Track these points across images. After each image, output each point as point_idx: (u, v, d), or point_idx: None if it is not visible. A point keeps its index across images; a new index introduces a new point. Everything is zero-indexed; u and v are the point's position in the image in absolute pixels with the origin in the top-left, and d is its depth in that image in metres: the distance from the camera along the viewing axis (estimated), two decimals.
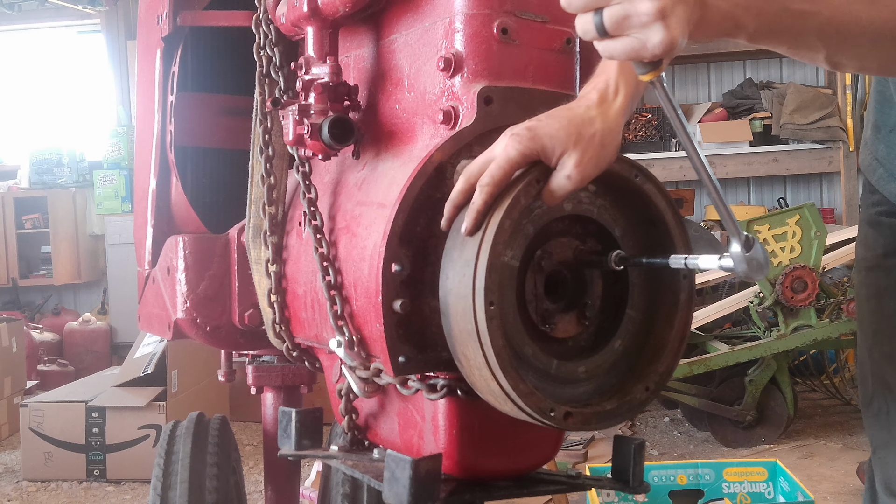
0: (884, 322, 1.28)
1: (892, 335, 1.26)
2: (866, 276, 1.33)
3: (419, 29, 1.14)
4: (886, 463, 1.24)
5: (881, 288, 1.29)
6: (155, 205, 1.67)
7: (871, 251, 1.32)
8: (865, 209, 1.36)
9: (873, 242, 1.32)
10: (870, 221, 1.34)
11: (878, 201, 1.32)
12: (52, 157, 6.51)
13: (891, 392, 1.24)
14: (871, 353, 1.30)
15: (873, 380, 1.29)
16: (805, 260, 3.60)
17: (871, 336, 1.30)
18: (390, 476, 0.99)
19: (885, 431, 1.25)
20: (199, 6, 1.63)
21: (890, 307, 1.27)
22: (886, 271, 1.29)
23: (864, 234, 1.36)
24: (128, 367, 3.95)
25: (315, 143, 1.17)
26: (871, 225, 1.33)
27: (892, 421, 1.24)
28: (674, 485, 2.72)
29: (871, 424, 1.29)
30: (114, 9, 6.76)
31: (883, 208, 1.31)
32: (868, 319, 1.31)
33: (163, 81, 1.65)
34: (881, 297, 1.29)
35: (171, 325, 1.55)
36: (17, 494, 3.60)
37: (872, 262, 1.32)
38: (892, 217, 1.29)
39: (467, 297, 0.92)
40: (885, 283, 1.28)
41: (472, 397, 1.02)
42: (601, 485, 1.18)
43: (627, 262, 0.99)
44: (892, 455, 1.23)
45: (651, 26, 0.77)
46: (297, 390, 1.76)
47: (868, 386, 1.30)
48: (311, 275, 1.22)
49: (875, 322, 1.30)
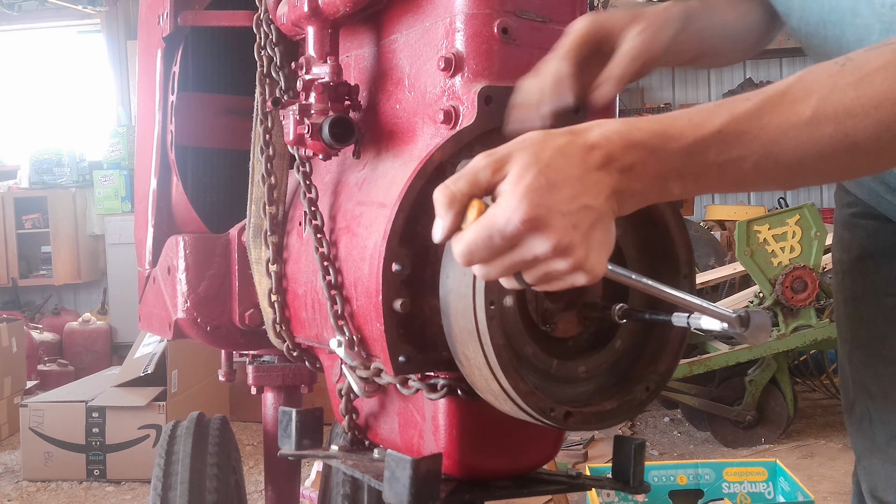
0: (861, 327, 1.24)
1: (871, 340, 1.22)
2: (843, 279, 1.29)
3: (420, 29, 1.14)
4: (871, 471, 1.20)
5: (858, 292, 1.25)
6: (155, 205, 1.67)
7: (846, 254, 1.28)
8: (840, 210, 1.31)
9: (848, 245, 1.28)
10: (844, 223, 1.29)
11: (852, 202, 1.27)
12: (52, 157, 6.52)
13: (872, 398, 1.21)
14: (851, 359, 1.26)
15: (854, 386, 1.25)
16: (805, 260, 3.60)
17: (850, 341, 1.26)
18: (390, 476, 1.00)
19: (868, 439, 1.21)
20: (199, 6, 1.63)
21: (867, 311, 1.23)
22: (862, 274, 1.25)
23: (839, 236, 1.31)
24: (128, 367, 3.96)
25: (315, 143, 1.17)
26: (846, 227, 1.29)
27: (875, 428, 1.20)
28: (674, 485, 2.72)
29: (854, 432, 1.25)
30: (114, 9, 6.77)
31: (857, 210, 1.26)
32: (846, 324, 1.27)
33: (163, 81, 1.65)
34: (858, 301, 1.25)
35: (171, 325, 1.55)
36: (17, 494, 3.60)
37: (848, 265, 1.27)
38: (866, 219, 1.25)
39: (468, 296, 0.92)
40: (862, 286, 1.24)
41: (472, 397, 1.02)
42: (601, 485, 1.18)
43: (631, 316, 0.98)
44: (876, 463, 1.19)
45: (573, 275, 0.76)
46: (297, 390, 1.76)
47: (849, 392, 1.26)
48: (311, 274, 1.22)
49: (853, 327, 1.26)
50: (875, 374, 1.20)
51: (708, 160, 0.77)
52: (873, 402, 1.20)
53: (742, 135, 0.76)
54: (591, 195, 0.74)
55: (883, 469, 1.18)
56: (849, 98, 0.76)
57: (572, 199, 0.73)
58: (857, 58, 0.78)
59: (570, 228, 0.73)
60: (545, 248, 0.73)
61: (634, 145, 0.76)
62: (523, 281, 0.78)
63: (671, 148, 0.76)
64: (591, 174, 0.75)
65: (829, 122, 0.76)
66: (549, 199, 0.73)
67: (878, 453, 1.19)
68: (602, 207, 0.75)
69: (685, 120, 0.78)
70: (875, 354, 1.21)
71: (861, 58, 0.78)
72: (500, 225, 0.73)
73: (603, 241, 0.76)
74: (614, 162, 0.75)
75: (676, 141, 0.76)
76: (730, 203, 6.17)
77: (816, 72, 0.78)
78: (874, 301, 1.22)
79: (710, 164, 0.77)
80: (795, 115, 0.76)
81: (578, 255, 0.74)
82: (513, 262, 0.76)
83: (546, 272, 0.76)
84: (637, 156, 0.76)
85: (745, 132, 0.76)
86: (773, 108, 0.77)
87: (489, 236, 0.74)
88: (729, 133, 0.76)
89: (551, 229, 0.73)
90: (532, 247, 0.74)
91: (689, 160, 0.77)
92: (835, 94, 0.76)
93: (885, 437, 1.18)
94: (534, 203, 0.72)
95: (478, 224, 0.75)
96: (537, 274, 0.76)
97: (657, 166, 0.76)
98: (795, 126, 0.76)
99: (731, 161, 0.77)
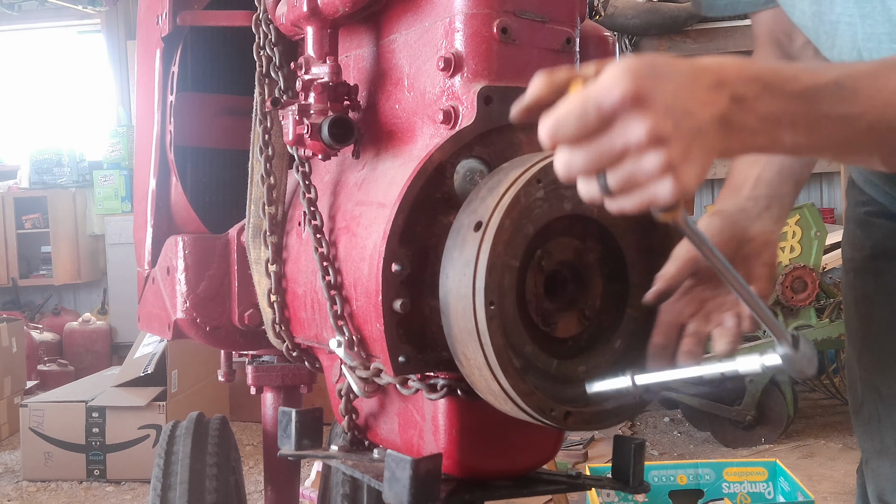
0: (873, 327, 1.22)
1: (883, 341, 1.20)
2: (854, 278, 1.27)
3: (419, 29, 1.14)
4: (879, 473, 1.19)
5: (870, 291, 1.23)
6: (155, 205, 1.67)
7: (858, 252, 1.26)
8: (852, 208, 1.29)
9: (861, 243, 1.26)
10: (858, 221, 1.28)
11: (866, 201, 1.26)
12: (52, 157, 6.51)
13: (882, 399, 1.19)
14: (860, 359, 1.24)
15: (863, 387, 1.23)
16: (805, 260, 3.60)
17: (860, 341, 1.24)
18: (390, 476, 0.99)
19: (876, 440, 1.19)
20: (198, 6, 1.63)
21: (879, 311, 1.21)
22: (875, 274, 1.23)
23: (850, 234, 1.29)
24: (128, 367, 3.96)
25: (315, 143, 1.17)
26: (860, 225, 1.27)
27: (883, 429, 1.18)
28: (674, 485, 2.72)
29: (861, 433, 1.23)
30: (114, 9, 6.76)
31: (871, 208, 1.25)
32: (856, 324, 1.25)
33: (162, 81, 1.65)
34: (870, 300, 1.23)
35: (170, 325, 1.55)
36: (17, 494, 3.60)
37: (861, 263, 1.26)
38: (882, 217, 1.23)
39: (467, 296, 0.92)
40: (875, 286, 1.22)
41: (472, 397, 1.02)
42: (601, 485, 1.18)
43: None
44: (885, 465, 1.18)
45: (660, 181, 0.69)
46: (296, 390, 1.76)
47: (857, 393, 1.24)
48: (310, 275, 1.22)
49: (864, 327, 1.24)
50: (886, 375, 1.18)
51: (822, 110, 0.75)
52: (883, 404, 1.18)
53: (858, 91, 0.75)
54: (696, 103, 0.70)
55: (892, 472, 1.17)
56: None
57: (677, 96, 0.69)
58: None
59: (671, 121, 0.68)
60: (640, 131, 0.68)
61: (749, 77, 0.73)
62: (605, 184, 0.71)
63: (787, 88, 0.74)
64: (701, 88, 0.71)
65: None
66: (654, 84, 0.68)
67: (887, 456, 1.17)
68: (706, 123, 0.70)
69: (800, 68, 0.77)
70: (886, 355, 1.19)
71: None
72: (598, 96, 0.68)
73: (700, 160, 0.70)
74: (726, 86, 0.72)
75: (792, 82, 0.74)
76: None
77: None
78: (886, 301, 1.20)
79: (824, 116, 0.75)
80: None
81: (673, 153, 0.68)
82: (601, 149, 0.70)
83: (634, 171, 0.70)
84: (751, 88, 0.73)
85: (861, 90, 0.75)
86: (889, 73, 0.76)
87: (584, 108, 0.69)
88: (845, 86, 0.75)
89: (651, 110, 0.68)
90: (627, 129, 0.68)
91: (803, 105, 0.74)
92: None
93: (894, 439, 1.17)
94: (638, 79, 0.68)
95: (574, 95, 0.69)
96: (624, 173, 0.70)
97: (770, 103, 0.73)
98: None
99: (846, 117, 0.75)
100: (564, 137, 0.70)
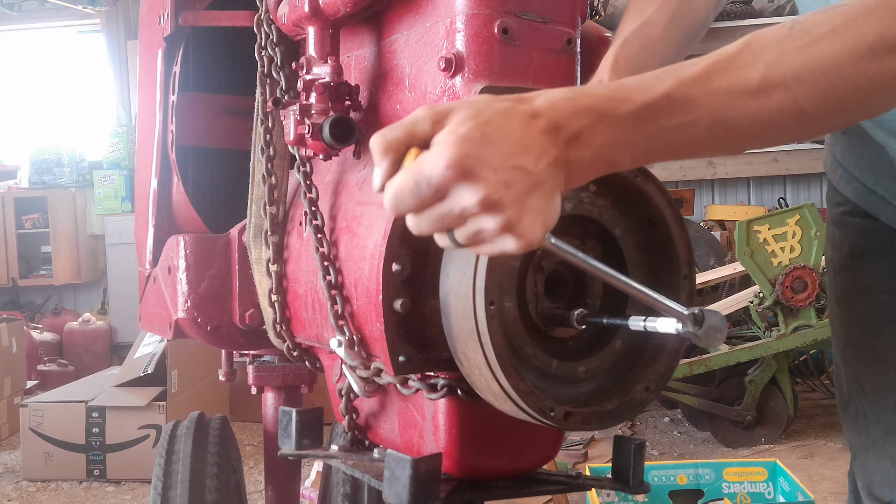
0: (854, 324, 1.25)
1: (864, 337, 1.23)
2: (835, 277, 1.29)
3: (420, 29, 1.14)
4: (867, 468, 1.21)
5: (849, 290, 1.26)
6: (156, 204, 1.68)
7: (838, 252, 1.29)
8: (831, 209, 1.32)
9: (839, 243, 1.28)
10: (835, 222, 1.30)
11: (842, 201, 1.28)
12: (52, 157, 6.51)
13: (866, 395, 1.21)
14: (844, 357, 1.27)
15: (848, 383, 1.26)
16: (805, 260, 3.60)
17: (843, 339, 1.27)
18: (390, 475, 1.00)
19: (863, 436, 1.22)
20: (200, 6, 1.63)
21: (860, 309, 1.24)
22: (854, 272, 1.25)
23: (830, 235, 1.32)
24: (128, 367, 3.96)
25: (316, 143, 1.18)
26: (837, 226, 1.29)
27: (869, 424, 1.20)
28: (674, 485, 2.72)
29: (849, 429, 1.26)
30: (114, 9, 6.77)
31: (847, 208, 1.27)
32: (839, 322, 1.28)
33: (164, 81, 1.65)
34: (850, 298, 1.26)
35: (171, 325, 1.56)
36: (17, 494, 3.60)
37: (840, 263, 1.28)
38: (856, 217, 1.25)
39: (467, 296, 0.92)
40: (854, 284, 1.25)
41: (472, 397, 1.02)
42: (601, 485, 1.18)
43: (588, 322, 0.98)
44: (872, 459, 1.20)
45: (503, 237, 0.72)
46: (297, 390, 1.76)
47: (844, 390, 1.27)
48: (311, 274, 1.23)
49: (846, 324, 1.26)
50: (869, 371, 1.21)
51: (658, 125, 0.75)
52: (867, 399, 1.20)
53: (691, 100, 0.74)
54: (529, 158, 0.71)
55: (879, 465, 1.18)
56: (796, 63, 0.74)
57: (507, 156, 0.70)
58: (804, 21, 0.76)
59: (501, 185, 0.70)
60: (472, 200, 0.70)
61: (581, 110, 0.73)
62: (455, 239, 0.75)
63: (620, 112, 0.74)
64: (533, 138, 0.72)
65: (778, 89, 0.74)
66: (481, 150, 0.70)
67: (874, 450, 1.19)
68: (541, 174, 0.71)
69: (633, 85, 0.76)
70: (868, 351, 1.21)
71: (809, 21, 0.76)
72: (426, 171, 0.70)
73: (540, 209, 0.72)
74: (561, 130, 0.73)
75: (625, 105, 0.74)
76: (730, 203, 6.17)
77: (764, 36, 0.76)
78: (866, 299, 1.22)
79: (661, 130, 0.75)
80: (744, 81, 0.74)
81: (509, 214, 0.70)
82: (440, 215, 0.73)
83: (476, 230, 0.72)
84: (584, 121, 0.73)
85: (693, 97, 0.74)
86: (720, 74, 0.75)
87: (416, 183, 0.71)
88: (677, 98, 0.74)
89: (479, 181, 0.69)
90: (459, 198, 0.71)
91: (639, 127, 0.74)
92: (782, 59, 0.74)
93: (880, 433, 1.18)
94: (462, 151, 0.69)
95: (407, 170, 0.72)
96: (467, 232, 0.73)
97: (606, 134, 0.74)
98: (744, 92, 0.74)
99: (682, 126, 0.75)
100: (405, 209, 0.73)
